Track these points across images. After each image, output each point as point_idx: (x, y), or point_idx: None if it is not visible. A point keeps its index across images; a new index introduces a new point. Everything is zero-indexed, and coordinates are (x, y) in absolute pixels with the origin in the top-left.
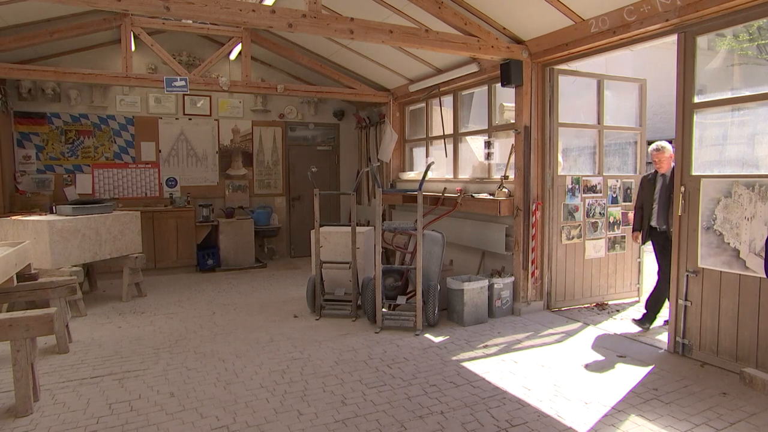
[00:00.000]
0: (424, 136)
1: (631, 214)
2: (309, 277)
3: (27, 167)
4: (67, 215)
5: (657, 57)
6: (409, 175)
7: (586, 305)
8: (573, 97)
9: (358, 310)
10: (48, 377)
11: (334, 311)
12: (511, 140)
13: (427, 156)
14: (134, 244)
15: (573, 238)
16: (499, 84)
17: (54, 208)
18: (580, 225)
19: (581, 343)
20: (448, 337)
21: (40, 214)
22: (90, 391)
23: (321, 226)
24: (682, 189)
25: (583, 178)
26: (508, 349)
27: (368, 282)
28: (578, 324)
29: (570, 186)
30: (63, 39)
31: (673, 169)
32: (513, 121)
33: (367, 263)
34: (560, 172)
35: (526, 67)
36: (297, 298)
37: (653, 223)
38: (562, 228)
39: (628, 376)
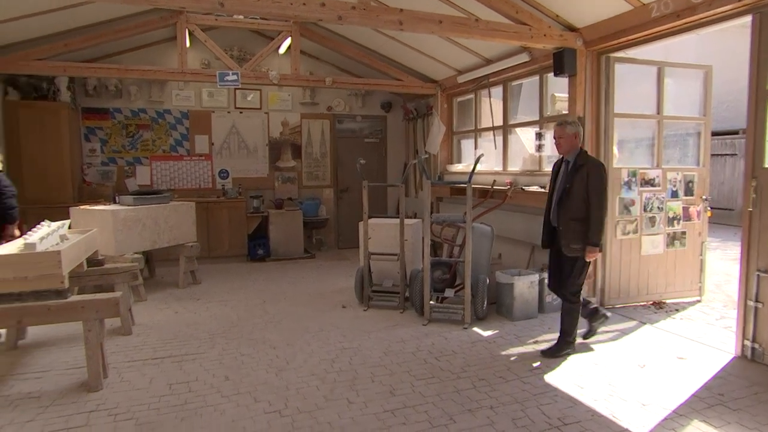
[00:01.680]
0: (473, 128)
1: (693, 209)
2: (357, 268)
3: (92, 160)
4: (128, 205)
5: (724, 41)
6: (457, 168)
7: (642, 303)
8: (630, 86)
9: (405, 302)
10: (114, 356)
11: (382, 302)
12: None
13: (475, 148)
14: (190, 234)
15: (628, 233)
16: (551, 74)
17: (117, 198)
18: (636, 220)
19: (637, 343)
20: (497, 331)
21: (104, 204)
22: (152, 371)
23: (369, 217)
24: (754, 183)
25: (640, 171)
26: None
27: (416, 274)
28: (633, 322)
29: (626, 179)
30: (124, 38)
31: (579, 153)
32: (565, 112)
33: (414, 255)
34: (615, 164)
35: (580, 56)
36: (345, 289)
37: (553, 222)
38: (617, 223)
39: (690, 379)
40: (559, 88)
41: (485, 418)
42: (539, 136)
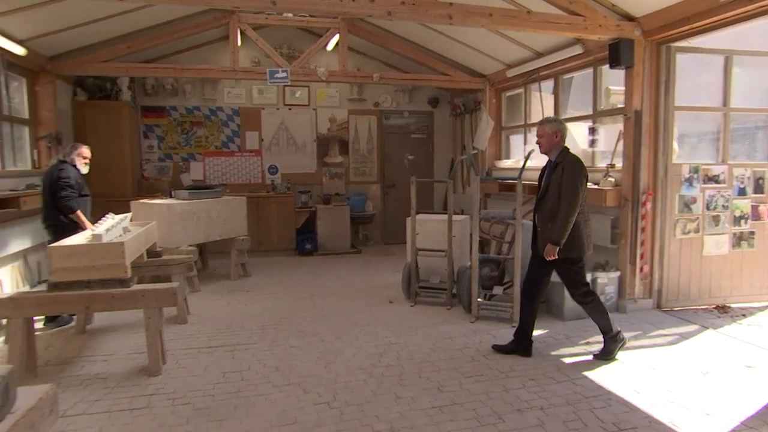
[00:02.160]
0: (522, 123)
1: (763, 208)
2: (404, 263)
3: (150, 156)
4: (184, 199)
5: None
6: (506, 163)
7: (703, 307)
8: (691, 77)
9: (452, 299)
10: (172, 344)
11: (429, 299)
12: (618, 126)
13: (524, 144)
14: (241, 227)
15: (689, 232)
16: (606, 66)
17: (172, 192)
18: (698, 218)
19: (699, 348)
20: (546, 330)
21: (161, 198)
22: (207, 359)
23: (417, 213)
24: None
25: (703, 167)
26: None
27: (464, 271)
28: (694, 327)
29: (687, 175)
30: (180, 38)
31: (560, 152)
32: (621, 106)
33: (462, 252)
34: (675, 160)
35: (638, 47)
36: (392, 284)
37: (537, 223)
38: (677, 221)
39: (761, 389)
40: (614, 80)
41: (535, 419)
42: (592, 131)
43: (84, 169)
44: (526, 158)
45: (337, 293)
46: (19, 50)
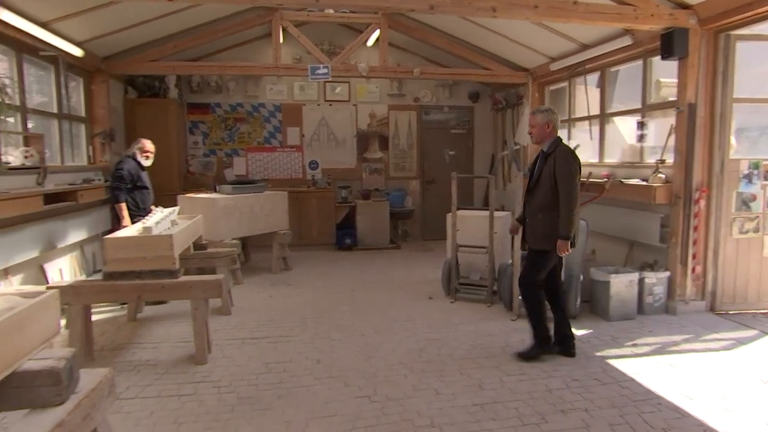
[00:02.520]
0: (566, 118)
1: None
2: (444, 260)
3: (195, 151)
4: (228, 194)
5: None
6: None
7: (762, 311)
8: (752, 67)
9: (493, 296)
10: (216, 334)
11: (469, 295)
12: (669, 120)
13: (568, 139)
14: (282, 222)
15: (748, 231)
16: (657, 57)
17: (217, 187)
18: (758, 217)
19: (758, 354)
20: (590, 330)
21: (206, 193)
22: (250, 349)
23: (457, 209)
24: None
25: (764, 163)
26: (662, 350)
27: (505, 268)
28: (753, 332)
29: (746, 171)
30: (224, 37)
31: (552, 142)
32: (673, 99)
33: (503, 248)
34: (732, 155)
35: (693, 36)
36: (431, 280)
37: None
38: (734, 220)
39: None
40: (664, 72)
41: (579, 421)
42: (641, 125)
43: (146, 162)
44: None
45: (376, 288)
46: (77, 52)
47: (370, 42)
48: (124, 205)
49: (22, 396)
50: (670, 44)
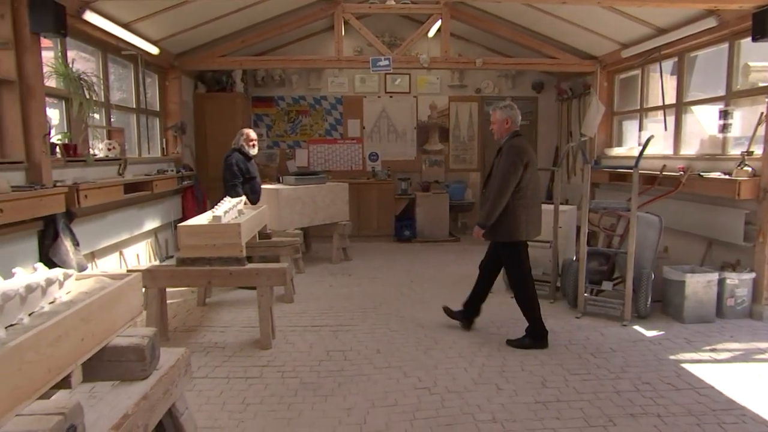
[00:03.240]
0: (637, 108)
1: None
2: None
3: (260, 143)
4: (291, 185)
5: None
6: (618, 151)
7: None
8: None
9: (556, 292)
10: (279, 321)
11: None
12: (759, 108)
13: (640, 130)
14: (343, 213)
15: None
16: (747, 39)
17: (280, 178)
18: None
19: None
20: (662, 332)
21: (270, 183)
22: (312, 337)
23: None
24: None
25: None
26: (746, 357)
27: (570, 264)
28: None
29: None
30: (288, 31)
31: (507, 137)
32: (764, 84)
33: (567, 244)
34: None
35: None
36: None
37: None
38: None
39: None
40: (754, 55)
41: (651, 427)
42: (724, 114)
43: (253, 151)
44: (645, 145)
45: (435, 280)
46: (154, 50)
47: (431, 33)
48: (244, 199)
49: (112, 369)
50: (763, 24)
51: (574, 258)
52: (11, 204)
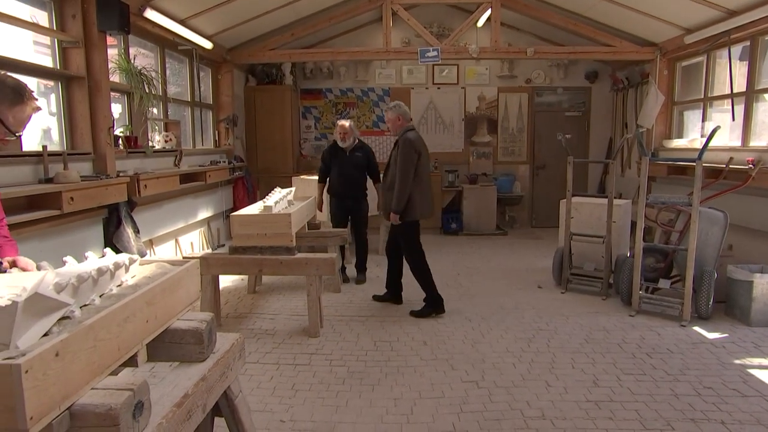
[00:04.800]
0: (701, 97)
1: None
2: (556, 248)
3: (308, 135)
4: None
5: None
6: (678, 143)
7: None
8: None
9: (609, 289)
10: (327, 310)
11: (582, 287)
12: None
13: (703, 120)
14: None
15: None
16: None
17: None
18: None
19: None
20: (726, 335)
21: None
22: (358, 327)
23: (572, 195)
24: None
25: None
26: None
27: (624, 260)
28: None
29: None
30: (336, 23)
31: (401, 132)
32: None
33: (621, 239)
34: None
35: None
36: (540, 269)
37: None
38: None
39: None
40: None
41: None
42: None
43: (341, 143)
44: (711, 136)
45: (482, 274)
46: (208, 45)
47: (481, 22)
48: (319, 185)
49: (172, 351)
50: None
51: (629, 254)
52: (81, 193)
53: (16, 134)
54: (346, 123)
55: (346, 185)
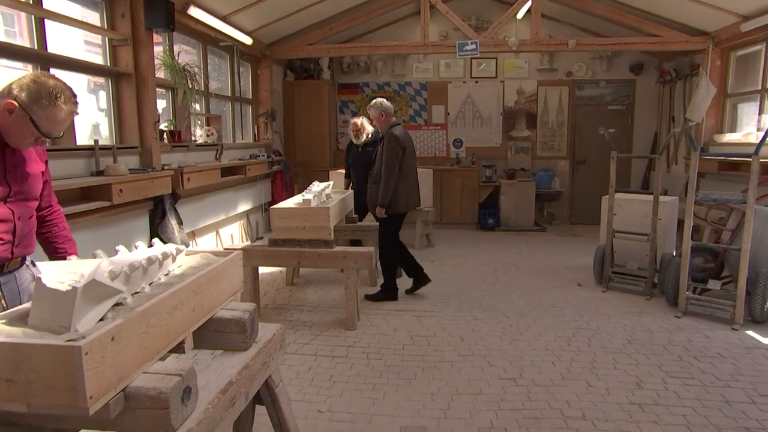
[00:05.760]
0: (758, 88)
1: None
2: (597, 245)
3: (345, 130)
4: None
5: None
6: (730, 138)
7: None
8: None
9: (653, 288)
10: (362, 304)
11: (624, 285)
12: None
13: (760, 113)
14: (427, 199)
15: None
16: None
17: None
18: None
19: None
20: None
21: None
22: (395, 321)
23: (615, 192)
24: None
25: None
26: None
27: (670, 259)
28: None
29: None
30: (374, 17)
31: (387, 128)
32: None
33: (666, 237)
34: None
35: None
36: (580, 267)
37: None
38: None
39: None
40: None
41: None
42: None
43: (354, 140)
44: None
45: (519, 270)
46: (248, 40)
47: (520, 14)
48: (345, 180)
49: (216, 339)
50: None
51: (675, 253)
52: (129, 185)
53: (51, 137)
54: (358, 120)
55: (358, 181)
